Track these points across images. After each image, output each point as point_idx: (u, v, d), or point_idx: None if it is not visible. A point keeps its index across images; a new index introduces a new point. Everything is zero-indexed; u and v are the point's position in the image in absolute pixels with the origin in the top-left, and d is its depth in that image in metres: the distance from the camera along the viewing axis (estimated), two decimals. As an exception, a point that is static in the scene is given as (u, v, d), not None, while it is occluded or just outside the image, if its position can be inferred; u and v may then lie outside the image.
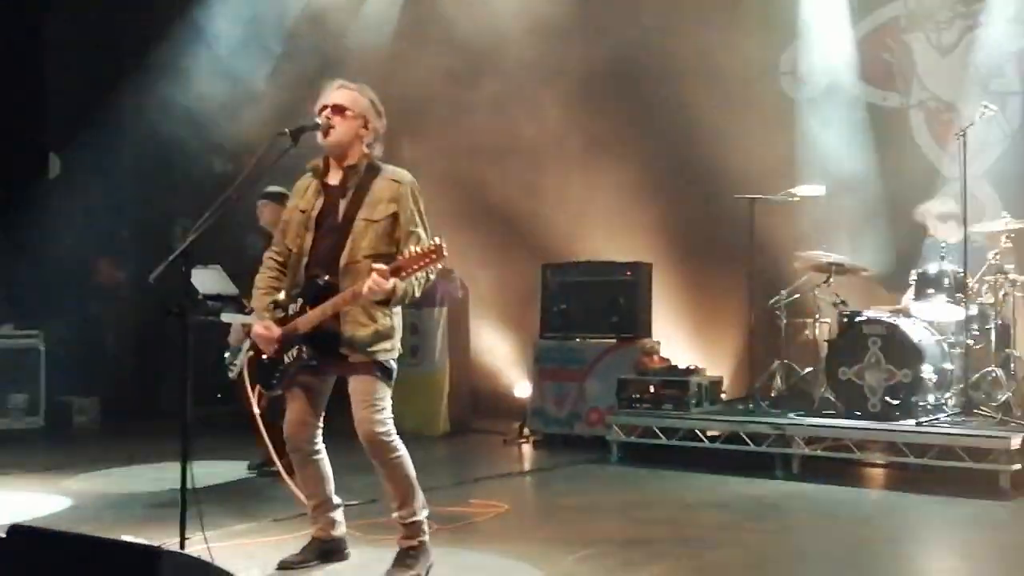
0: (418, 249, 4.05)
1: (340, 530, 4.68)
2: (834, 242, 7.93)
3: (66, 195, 9.73)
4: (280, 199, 6.96)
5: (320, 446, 4.56)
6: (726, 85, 9.14)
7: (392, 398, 4.43)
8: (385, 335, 4.32)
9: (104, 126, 9.63)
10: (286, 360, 4.33)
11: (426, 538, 4.44)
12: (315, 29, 9.73)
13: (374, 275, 4.03)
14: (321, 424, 4.56)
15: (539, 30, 9.36)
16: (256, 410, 4.65)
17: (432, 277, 4.32)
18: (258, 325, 4.40)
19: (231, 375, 6.79)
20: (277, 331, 4.33)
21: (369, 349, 4.28)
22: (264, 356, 4.40)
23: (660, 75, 9.35)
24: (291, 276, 4.45)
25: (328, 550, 4.64)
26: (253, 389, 4.53)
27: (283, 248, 4.50)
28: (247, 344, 6.96)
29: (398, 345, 4.42)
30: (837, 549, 5.19)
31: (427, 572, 4.42)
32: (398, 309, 4.40)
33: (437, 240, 4.04)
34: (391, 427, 4.36)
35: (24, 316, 9.59)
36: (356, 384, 4.32)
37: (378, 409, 4.30)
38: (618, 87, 9.70)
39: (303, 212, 4.43)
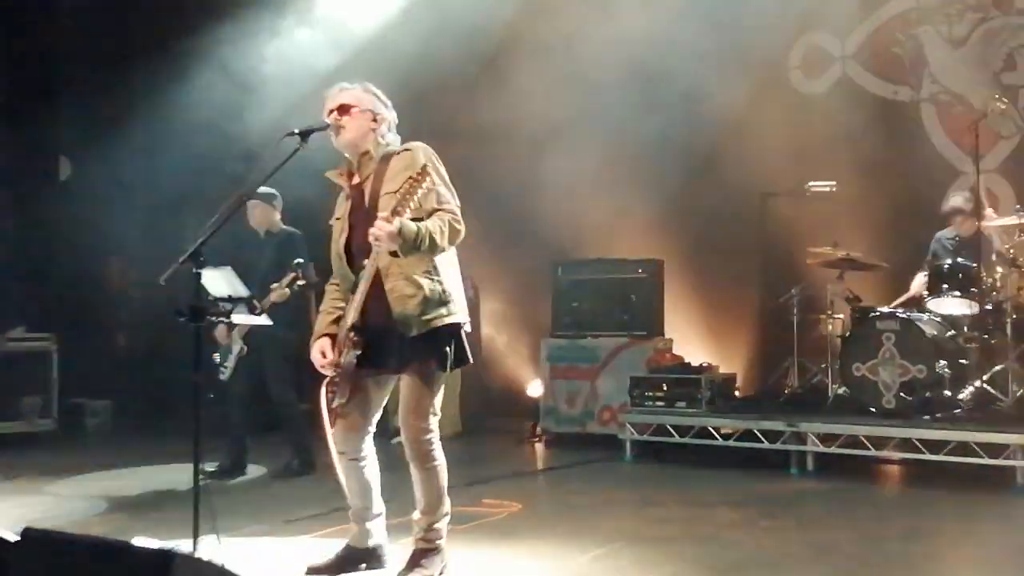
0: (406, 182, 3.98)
1: (375, 540, 4.50)
2: (846, 237, 7.89)
3: (77, 197, 9.75)
4: (270, 199, 6.94)
5: (367, 452, 4.41)
6: (737, 80, 9.10)
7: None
8: (438, 300, 4.20)
9: (115, 128, 9.64)
10: (344, 360, 4.24)
11: (443, 542, 4.41)
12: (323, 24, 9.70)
13: (376, 221, 3.97)
14: (373, 430, 4.44)
15: (549, 25, 9.34)
16: (331, 434, 4.36)
17: (460, 228, 4.20)
18: (314, 350, 4.33)
19: (222, 377, 6.84)
20: (331, 354, 4.27)
21: (424, 317, 4.17)
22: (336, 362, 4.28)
23: (671, 70, 9.31)
24: (342, 281, 4.39)
25: (357, 559, 4.47)
26: (330, 412, 4.31)
27: (336, 270, 4.42)
28: (238, 346, 6.86)
29: (461, 310, 4.30)
30: (852, 547, 5.15)
31: (440, 574, 4.40)
32: (449, 273, 4.28)
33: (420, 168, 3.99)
34: (436, 435, 4.30)
35: (36, 319, 9.61)
36: (409, 383, 4.24)
37: (427, 414, 4.26)
38: (629, 83, 9.67)
39: (338, 219, 4.40)
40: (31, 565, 3.41)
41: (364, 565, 4.47)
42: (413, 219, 4.04)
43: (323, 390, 4.33)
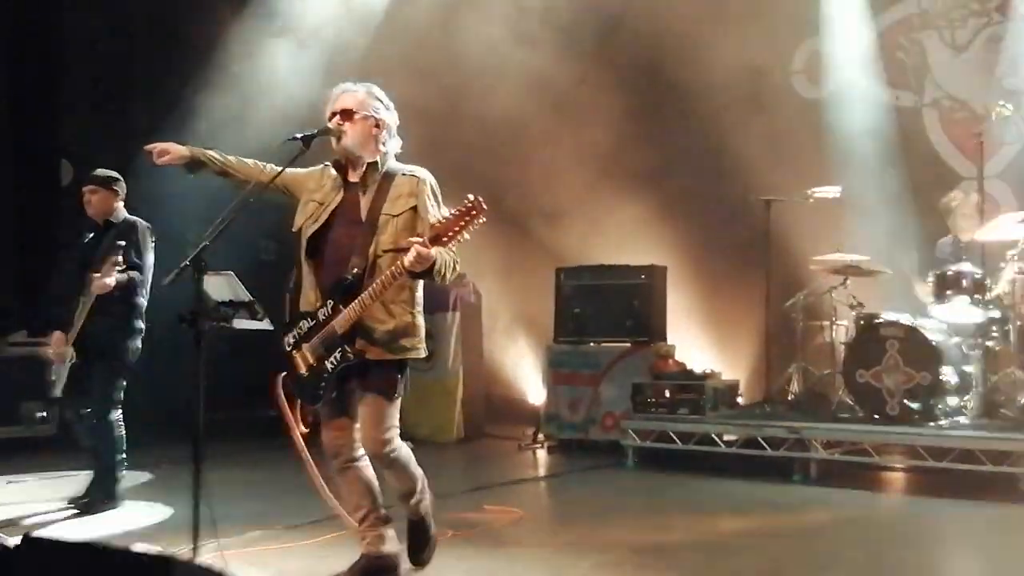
0: (454, 211, 3.98)
1: (391, 546, 4.39)
2: (850, 243, 7.87)
3: (78, 202, 9.73)
4: (109, 184, 6.33)
5: (361, 453, 4.36)
6: (740, 86, 9.10)
7: (406, 404, 4.37)
8: (405, 331, 4.25)
9: (117, 132, 9.63)
10: (329, 367, 4.20)
11: (427, 508, 4.54)
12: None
13: (415, 246, 3.95)
14: (358, 430, 4.37)
15: (554, 34, 9.33)
16: (301, 430, 4.36)
17: (458, 268, 4.23)
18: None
19: (55, 393, 6.20)
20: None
21: (389, 346, 4.22)
22: (303, 371, 4.26)
23: (674, 77, 9.32)
24: (303, 266, 4.38)
25: (378, 568, 4.33)
26: (294, 409, 4.32)
27: (268, 174, 4.40)
28: (68, 353, 6.06)
29: (421, 345, 4.35)
30: (856, 554, 5.13)
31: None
32: (420, 307, 4.35)
33: (472, 196, 3.93)
34: (397, 441, 4.28)
35: (37, 323, 9.58)
36: (372, 402, 4.23)
37: (388, 427, 4.24)
38: (632, 90, 9.68)
39: (319, 204, 4.36)
40: (31, 572, 3.40)
41: (382, 573, 4.36)
42: (394, 249, 4.13)
43: (278, 385, 4.30)
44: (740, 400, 8.44)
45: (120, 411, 6.17)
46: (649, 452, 7.83)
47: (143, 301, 6.17)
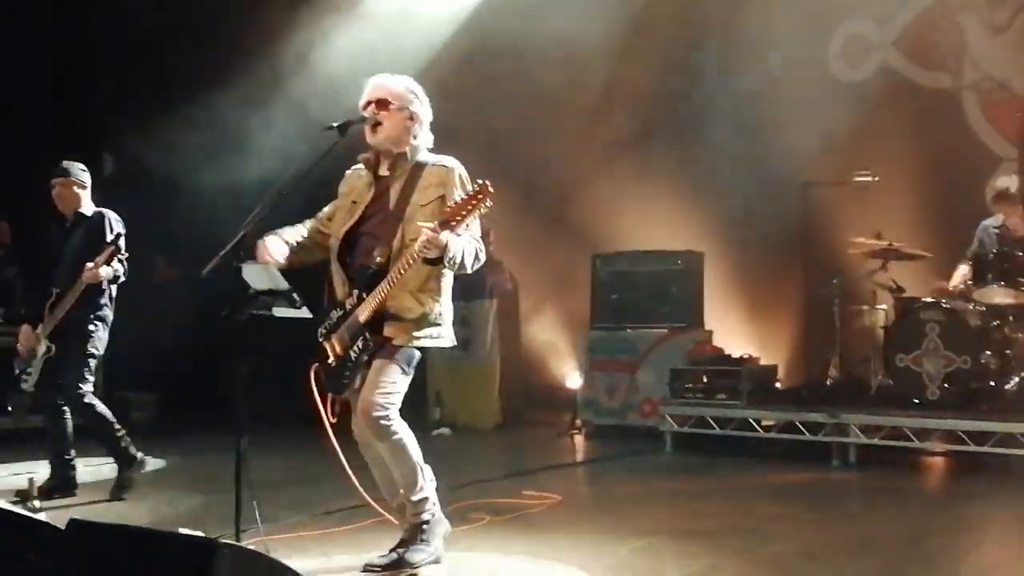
0: (462, 195, 4.04)
1: None
2: (889, 227, 7.81)
3: (120, 193, 9.85)
4: (75, 176, 6.24)
5: None
6: (776, 69, 9.05)
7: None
8: (429, 320, 4.27)
9: (157, 123, 9.74)
10: (353, 355, 4.26)
11: (436, 509, 4.40)
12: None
13: (424, 230, 4.01)
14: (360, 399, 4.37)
15: (591, 16, 9.30)
16: (331, 421, 4.33)
17: (483, 258, 4.27)
18: (263, 246, 4.31)
19: (25, 386, 6.17)
20: (282, 248, 4.30)
21: (414, 334, 4.25)
22: (330, 360, 4.31)
23: (709, 60, 9.28)
24: (332, 266, 4.42)
25: (417, 551, 4.35)
26: (324, 399, 4.31)
27: (324, 226, 4.49)
28: (43, 346, 6.02)
29: (448, 334, 4.37)
30: (896, 539, 5.11)
31: (444, 539, 4.41)
32: (446, 295, 4.36)
33: (480, 181, 3.99)
34: (392, 412, 4.23)
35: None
36: (378, 367, 4.24)
37: (384, 392, 4.21)
38: (666, 74, 9.64)
39: (354, 203, 4.43)
40: (77, 556, 3.47)
41: None
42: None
43: (311, 376, 4.32)
44: (778, 385, 8.41)
45: (92, 395, 6.15)
46: (687, 437, 7.83)
47: (112, 291, 6.23)
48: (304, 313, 6.25)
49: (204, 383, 10.23)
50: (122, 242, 6.09)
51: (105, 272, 5.93)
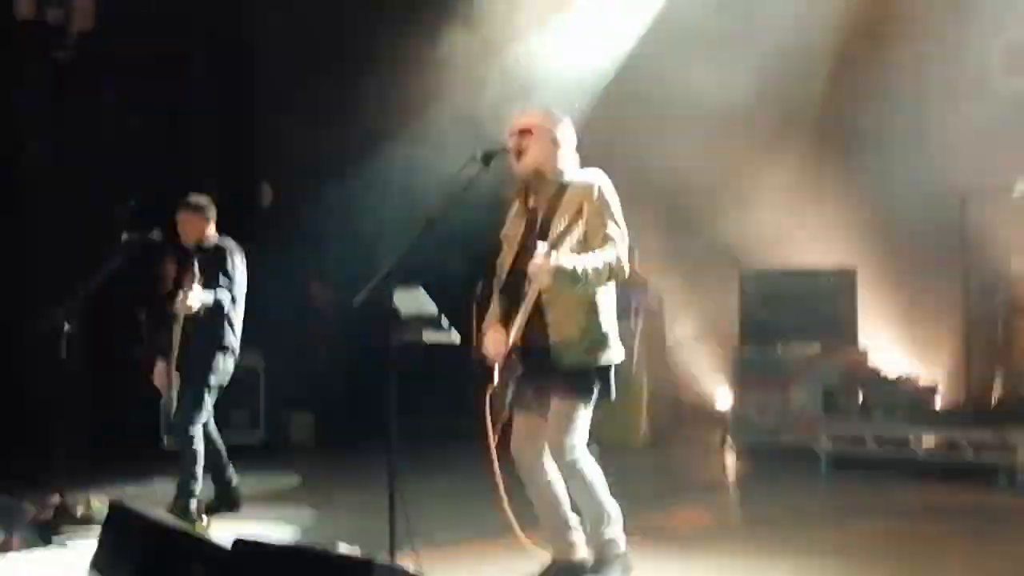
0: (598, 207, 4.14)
1: (580, 553, 4.46)
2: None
3: (278, 223, 10.23)
4: (201, 210, 6.31)
5: (550, 463, 4.42)
6: (934, 79, 8.76)
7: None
8: (596, 341, 4.30)
9: (314, 154, 10.07)
10: (509, 378, 4.35)
11: (620, 551, 4.42)
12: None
13: (536, 254, 4.08)
14: (545, 443, 4.42)
15: (743, 35, 9.19)
16: (493, 442, 4.36)
17: (616, 263, 4.24)
18: (487, 339, 4.42)
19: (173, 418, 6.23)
20: (505, 341, 4.32)
21: (580, 357, 4.28)
22: (495, 382, 4.35)
23: (865, 69, 9.04)
24: (502, 299, 4.50)
25: (567, 575, 4.44)
26: (495, 425, 4.34)
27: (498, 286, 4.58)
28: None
29: (616, 350, 4.38)
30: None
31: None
32: (608, 310, 4.35)
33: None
34: (579, 450, 4.32)
35: (244, 338, 10.10)
36: (556, 412, 4.32)
37: (569, 432, 4.29)
38: (819, 83, 9.43)
39: (510, 238, 4.53)
40: (242, 571, 3.64)
41: None
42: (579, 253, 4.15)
43: (487, 402, 4.36)
44: (939, 404, 8.12)
45: (200, 429, 6.16)
46: (843, 457, 7.63)
47: (235, 319, 6.30)
48: (453, 337, 6.36)
49: (360, 404, 10.50)
50: (239, 277, 6.24)
51: (193, 303, 5.89)
